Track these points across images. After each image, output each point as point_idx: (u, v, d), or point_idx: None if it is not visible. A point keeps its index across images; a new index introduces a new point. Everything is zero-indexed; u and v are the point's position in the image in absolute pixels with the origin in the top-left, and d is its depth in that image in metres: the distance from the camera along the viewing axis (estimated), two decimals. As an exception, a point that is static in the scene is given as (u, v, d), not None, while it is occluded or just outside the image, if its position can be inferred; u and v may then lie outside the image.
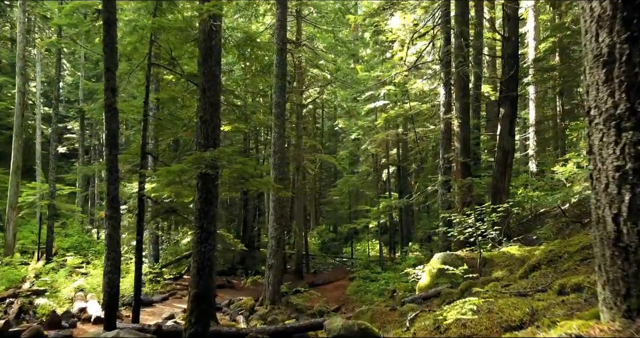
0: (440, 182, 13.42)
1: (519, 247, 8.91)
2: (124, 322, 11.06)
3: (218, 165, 6.87)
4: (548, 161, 23.05)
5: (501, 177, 12.76)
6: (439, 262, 8.88)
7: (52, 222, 20.41)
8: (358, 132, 27.04)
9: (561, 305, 3.17)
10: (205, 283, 6.93)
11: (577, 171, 7.68)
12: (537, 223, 15.04)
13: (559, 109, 24.29)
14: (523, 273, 5.86)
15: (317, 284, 19.82)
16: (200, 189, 7.07)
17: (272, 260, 14.78)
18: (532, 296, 3.98)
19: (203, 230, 7.04)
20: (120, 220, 8.54)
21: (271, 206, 14.81)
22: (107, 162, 8.41)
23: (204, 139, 7.16)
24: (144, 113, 9.50)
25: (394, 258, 23.13)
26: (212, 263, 7.03)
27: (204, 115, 7.25)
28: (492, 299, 4.30)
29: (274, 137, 14.83)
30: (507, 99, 12.81)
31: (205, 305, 6.89)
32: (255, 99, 25.02)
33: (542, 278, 5.01)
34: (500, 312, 3.51)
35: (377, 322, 6.97)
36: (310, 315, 14.66)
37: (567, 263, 5.22)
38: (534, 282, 4.80)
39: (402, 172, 25.51)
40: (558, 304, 3.21)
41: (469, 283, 7.14)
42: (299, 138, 22.17)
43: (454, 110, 13.87)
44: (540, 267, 5.63)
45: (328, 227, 39.20)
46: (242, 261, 25.85)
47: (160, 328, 7.82)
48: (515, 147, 13.75)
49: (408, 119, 21.55)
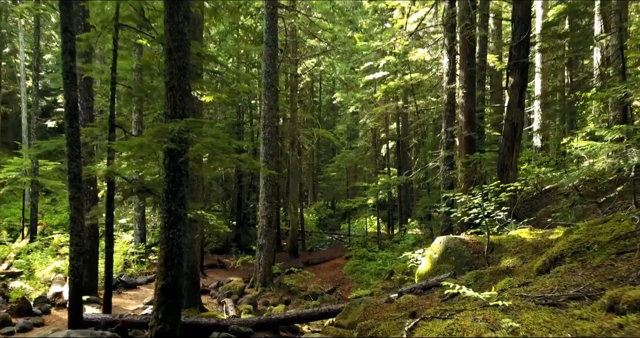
0: (443, 158, 12.45)
1: (529, 230, 8.01)
2: (94, 308, 10.27)
3: (186, 139, 5.89)
4: (554, 136, 22.08)
5: (509, 153, 11.78)
6: (440, 247, 8.01)
7: (35, 199, 19.53)
8: (356, 105, 25.89)
9: (619, 332, 2.28)
10: (174, 274, 6.06)
11: (600, 145, 6.71)
12: (544, 201, 14.17)
13: (567, 81, 23.12)
14: (542, 266, 4.97)
15: (313, 263, 19.11)
16: (167, 167, 6.12)
17: (263, 240, 13.97)
18: (565, 307, 3.08)
19: (171, 213, 6.12)
20: (83, 201, 7.62)
21: (262, 184, 13.89)
22: (68, 136, 7.42)
23: (171, 109, 6.15)
24: (112, 81, 8.44)
25: (392, 236, 22.38)
26: (182, 252, 6.14)
27: (171, 81, 6.22)
28: (513, 305, 3.40)
29: (264, 109, 13.79)
30: (517, 67, 11.69)
31: (174, 299, 6.04)
32: (250, 70, 23.84)
33: (569, 275, 4.12)
34: (529, 334, 2.61)
35: (369, 319, 6.13)
36: (303, 297, 13.96)
37: (598, 257, 4.31)
38: (561, 282, 3.91)
39: (402, 147, 24.50)
40: (613, 330, 2.32)
41: (476, 273, 6.28)
42: (293, 111, 21.09)
43: (458, 79, 12.78)
44: (564, 260, 4.74)
45: (326, 203, 38.45)
46: (237, 238, 25.15)
47: (124, 326, 7.00)
48: (524, 120, 12.71)
49: (408, 90, 20.40)
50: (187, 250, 10.88)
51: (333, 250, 22.80)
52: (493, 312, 3.30)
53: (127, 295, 12.58)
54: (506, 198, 7.91)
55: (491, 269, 6.16)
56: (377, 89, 21.69)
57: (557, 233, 7.32)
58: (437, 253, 8.01)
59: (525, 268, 5.89)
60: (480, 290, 5.69)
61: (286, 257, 20.76)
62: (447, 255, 7.80)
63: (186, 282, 10.84)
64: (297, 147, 22.18)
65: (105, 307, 8.23)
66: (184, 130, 5.73)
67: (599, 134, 6.95)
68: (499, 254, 7.37)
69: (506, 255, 7.13)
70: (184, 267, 6.29)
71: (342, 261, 19.42)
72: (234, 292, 13.01)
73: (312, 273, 16.59)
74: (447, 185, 12.36)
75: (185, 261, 10.90)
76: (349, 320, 6.63)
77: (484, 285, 5.89)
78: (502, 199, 7.88)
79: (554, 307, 3.17)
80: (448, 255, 7.79)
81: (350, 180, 30.68)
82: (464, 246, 7.76)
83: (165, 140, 5.61)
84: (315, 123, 27.15)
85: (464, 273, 7.39)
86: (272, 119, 13.80)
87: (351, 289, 15.33)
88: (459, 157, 12.41)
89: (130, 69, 12.69)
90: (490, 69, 19.46)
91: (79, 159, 7.49)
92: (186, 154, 5.69)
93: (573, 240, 4.88)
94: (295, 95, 21.36)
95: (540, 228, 9.01)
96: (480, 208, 7.90)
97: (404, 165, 23.81)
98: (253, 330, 7.47)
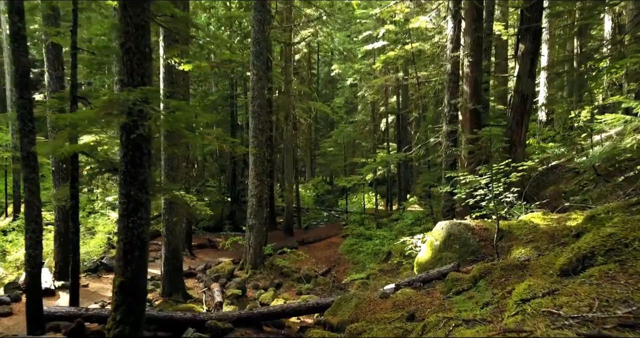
0: (445, 133, 11.50)
1: (542, 214, 7.15)
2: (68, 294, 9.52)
3: (144, 111, 4.95)
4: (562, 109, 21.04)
5: (517, 127, 10.86)
6: (443, 233, 7.18)
7: (18, 175, 18.69)
8: (354, 77, 24.69)
9: None
10: (135, 269, 5.23)
11: (630, 118, 5.78)
12: (551, 178, 13.30)
13: (577, 51, 21.90)
14: (567, 264, 4.12)
15: (308, 242, 18.38)
16: (124, 145, 5.20)
17: (253, 221, 13.17)
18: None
19: (130, 199, 5.23)
20: (38, 183, 6.74)
21: (251, 161, 12.99)
22: (18, 108, 6.49)
23: (128, 76, 5.18)
24: (72, 46, 7.42)
25: (390, 213, 21.61)
26: (144, 243, 5.29)
27: (127, 42, 5.23)
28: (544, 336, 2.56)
29: (253, 80, 12.74)
30: (529, 32, 10.64)
31: (136, 298, 5.23)
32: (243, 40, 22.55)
33: (608, 283, 3.28)
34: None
35: (361, 320, 5.33)
36: (296, 279, 13.25)
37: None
38: (600, 293, 3.07)
39: (402, 121, 23.47)
40: None
41: (484, 267, 5.45)
42: (287, 83, 19.97)
43: (463, 47, 11.70)
44: (595, 259, 3.89)
45: (324, 178, 37.57)
46: (232, 215, 24.40)
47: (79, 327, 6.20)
48: (535, 91, 11.70)
49: (409, 61, 19.24)
50: (167, 233, 10.12)
51: (329, 228, 22.08)
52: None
53: (107, 278, 11.85)
54: (517, 178, 7.03)
55: (502, 263, 5.33)
56: (376, 60, 20.49)
57: (575, 219, 6.48)
58: (439, 240, 7.18)
59: (543, 263, 5.05)
60: (490, 290, 4.86)
61: (280, 236, 20.06)
62: (450, 243, 6.98)
63: (168, 267, 10.10)
64: (292, 121, 21.15)
65: (71, 299, 7.46)
66: (139, 101, 4.78)
67: (627, 105, 6.00)
68: (509, 242, 6.54)
69: (517, 244, 6.30)
70: (146, 260, 5.44)
71: (338, 240, 18.71)
72: (222, 275, 12.29)
73: (306, 254, 15.89)
74: (449, 163, 11.46)
75: (165, 245, 10.15)
76: (338, 318, 5.85)
77: (494, 282, 5.07)
78: (513, 180, 7.00)
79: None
80: (451, 243, 6.96)
81: (349, 156, 29.75)
82: (469, 233, 6.93)
83: (117, 112, 4.68)
84: (313, 96, 26.02)
85: (469, 264, 6.59)
86: (261, 90, 12.77)
87: (346, 270, 14.64)
88: (463, 132, 11.46)
89: (105, 33, 11.60)
90: (496, 39, 18.31)
91: (33, 135, 6.57)
92: (140, 130, 4.76)
93: (607, 235, 4.01)
94: (289, 66, 20.19)
95: (551, 210, 8.17)
96: (487, 190, 7.04)
97: (403, 140, 22.84)
98: (233, 326, 6.71)
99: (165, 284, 10.01)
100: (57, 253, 10.85)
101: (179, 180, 10.05)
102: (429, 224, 15.55)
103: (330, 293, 12.24)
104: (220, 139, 5.63)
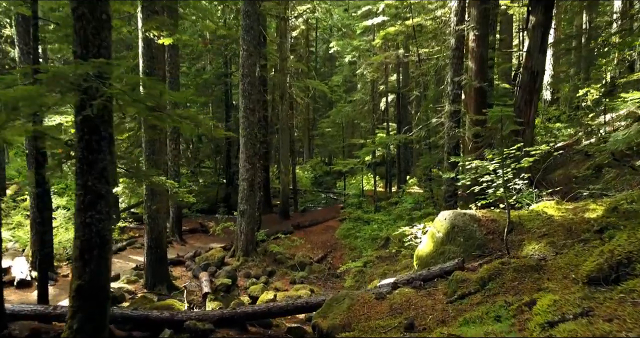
0: (448, 113, 10.73)
1: (556, 204, 6.47)
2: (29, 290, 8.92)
3: (100, 88, 4.21)
4: (568, 88, 20.20)
5: (526, 107, 10.10)
6: (446, 224, 6.51)
7: (1, 155, 17.99)
8: (353, 54, 23.71)
9: None
10: (94, 270, 4.57)
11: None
12: (559, 160, 12.58)
13: (585, 26, 20.89)
14: (597, 271, 3.45)
15: (304, 226, 17.79)
16: (79, 128, 4.48)
17: (245, 206, 12.54)
18: None
19: (87, 190, 4.54)
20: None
21: (242, 143, 12.26)
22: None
23: (81, 46, 4.43)
24: (33, 15, 6.61)
25: (389, 195, 20.97)
26: (105, 240, 4.63)
27: (79, 7, 4.45)
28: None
29: (243, 56, 11.92)
30: (541, 3, 9.78)
31: (96, 302, 4.59)
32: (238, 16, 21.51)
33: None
34: None
35: (354, 328, 4.69)
36: (290, 267, 12.68)
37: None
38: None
39: (402, 101, 22.61)
40: None
41: (494, 267, 4.79)
42: (282, 60, 19.05)
43: (469, 20, 10.84)
44: (634, 267, 3.23)
45: (323, 159, 36.80)
46: (227, 198, 23.71)
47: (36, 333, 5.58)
48: (544, 68, 10.90)
49: (410, 37, 18.31)
50: (149, 221, 9.46)
51: (327, 211, 21.48)
52: None
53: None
54: (528, 163, 6.33)
55: (514, 263, 4.66)
56: (375, 36, 19.54)
57: (594, 210, 5.79)
58: (442, 232, 6.52)
59: (563, 264, 4.39)
60: (501, 296, 4.19)
61: (276, 219, 19.47)
62: (453, 235, 6.32)
63: (150, 257, 9.49)
64: (287, 100, 20.32)
65: (39, 296, 6.84)
66: (92, 75, 4.04)
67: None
68: (519, 236, 5.87)
69: (530, 239, 5.63)
70: (108, 260, 4.78)
71: (335, 223, 18.13)
72: (212, 263, 11.70)
73: (301, 239, 15.31)
74: (452, 145, 10.72)
75: (148, 234, 9.50)
76: (329, 322, 5.22)
77: (505, 285, 4.42)
78: (524, 165, 6.31)
79: None
80: (455, 235, 6.30)
81: (347, 137, 28.98)
82: (474, 225, 6.25)
83: (64, 89, 3.95)
84: (310, 74, 25.09)
85: (475, 260, 5.93)
86: (252, 67, 11.95)
87: (343, 257, 14.08)
88: (467, 112, 10.71)
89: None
90: (501, 14, 17.33)
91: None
92: (87, 110, 4.03)
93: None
94: (285, 42, 19.23)
95: (561, 197, 7.49)
96: (494, 176, 6.35)
97: (404, 120, 22.04)
98: (214, 327, 6.12)
99: (148, 275, 9.41)
100: (33, 241, 10.23)
101: (161, 165, 9.34)
102: (429, 208, 14.91)
103: (325, 282, 11.70)
104: (194, 121, 4.90)
